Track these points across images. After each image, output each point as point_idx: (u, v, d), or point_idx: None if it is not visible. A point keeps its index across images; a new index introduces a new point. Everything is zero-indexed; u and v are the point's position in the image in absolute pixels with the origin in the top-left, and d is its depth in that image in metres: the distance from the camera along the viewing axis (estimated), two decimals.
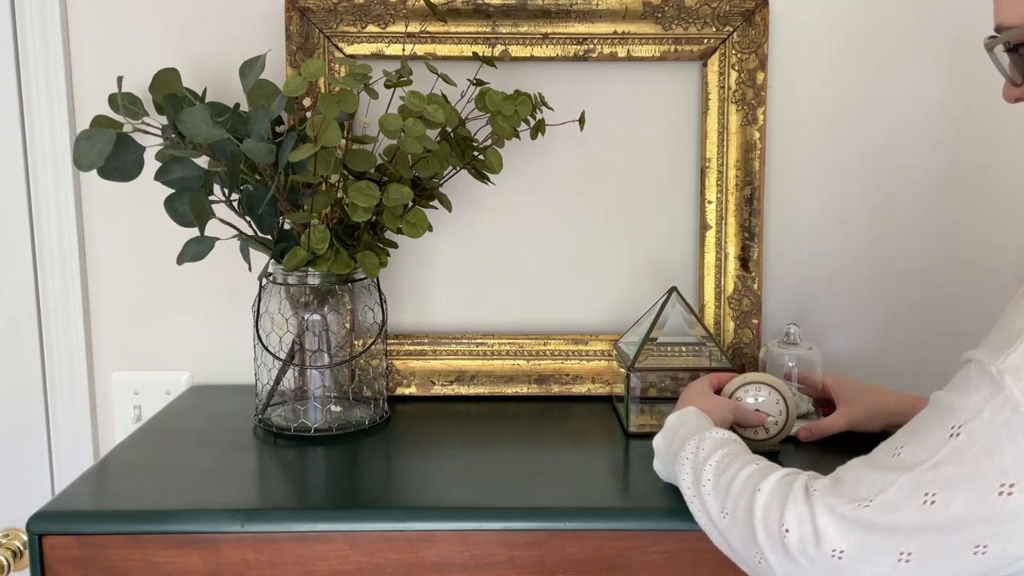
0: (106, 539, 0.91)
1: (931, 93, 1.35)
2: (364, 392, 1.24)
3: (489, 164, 1.18)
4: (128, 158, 1.09)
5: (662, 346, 1.24)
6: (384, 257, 1.18)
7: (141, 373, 1.39)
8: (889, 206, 1.38)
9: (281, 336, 1.20)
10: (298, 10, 1.28)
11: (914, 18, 1.33)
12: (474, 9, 1.28)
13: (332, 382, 1.22)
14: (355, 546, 0.96)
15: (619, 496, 1.04)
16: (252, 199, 1.15)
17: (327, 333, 1.20)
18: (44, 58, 1.30)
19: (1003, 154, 1.37)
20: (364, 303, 1.22)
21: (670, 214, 1.37)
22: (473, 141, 1.19)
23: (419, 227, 1.13)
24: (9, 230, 1.34)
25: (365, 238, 1.17)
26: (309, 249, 1.11)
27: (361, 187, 1.08)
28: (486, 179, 1.21)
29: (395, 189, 1.09)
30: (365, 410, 1.23)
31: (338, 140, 1.03)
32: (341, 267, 1.13)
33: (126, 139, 1.08)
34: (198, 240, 1.13)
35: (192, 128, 1.06)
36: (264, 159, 1.06)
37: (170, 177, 1.12)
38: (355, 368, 1.22)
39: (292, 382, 1.23)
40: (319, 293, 1.19)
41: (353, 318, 1.22)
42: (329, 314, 1.20)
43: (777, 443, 1.11)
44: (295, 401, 1.22)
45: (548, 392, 1.34)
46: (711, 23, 1.29)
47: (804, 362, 1.22)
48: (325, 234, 1.11)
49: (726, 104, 1.31)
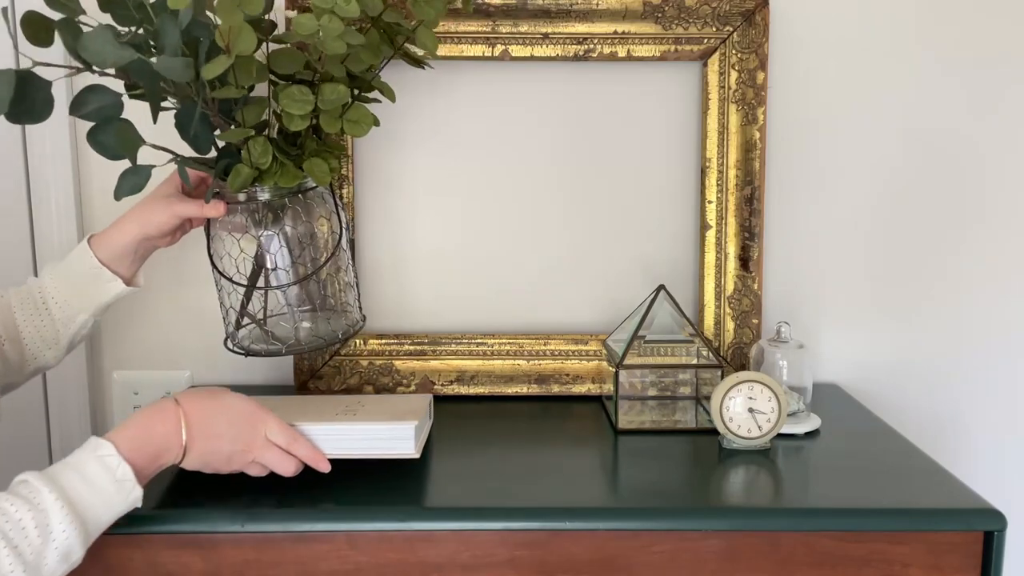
0: (106, 539, 0.91)
1: (931, 93, 1.35)
2: (335, 304, 1.17)
3: (423, 45, 1.08)
4: (36, 97, 0.98)
5: (650, 344, 1.25)
6: (333, 162, 1.09)
7: (141, 373, 1.39)
8: (889, 206, 1.38)
9: (235, 258, 1.14)
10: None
11: (914, 17, 1.33)
12: (474, 9, 1.28)
13: (299, 299, 1.15)
14: (355, 546, 0.96)
15: (619, 496, 1.04)
16: (181, 119, 1.05)
17: (287, 249, 1.13)
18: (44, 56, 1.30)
19: (1004, 154, 1.37)
20: (319, 213, 1.15)
21: (670, 214, 1.37)
22: (399, 26, 1.10)
23: (363, 124, 1.05)
24: (9, 230, 1.34)
25: (309, 144, 1.09)
26: (252, 164, 1.03)
27: (293, 93, 1.00)
28: (421, 64, 1.15)
29: (329, 90, 1.01)
30: (338, 322, 1.17)
31: (252, 46, 0.95)
32: (289, 180, 1.05)
33: (30, 76, 0.97)
34: (133, 170, 1.03)
35: (97, 54, 0.95)
36: (181, 76, 0.96)
37: (87, 110, 1.01)
38: (323, 281, 1.16)
39: (256, 304, 1.16)
40: (271, 208, 1.12)
41: (311, 229, 1.14)
42: (285, 228, 1.12)
43: (768, 441, 1.12)
44: (262, 324, 1.16)
45: (548, 392, 1.34)
46: (711, 23, 1.29)
47: (795, 359, 1.22)
48: (266, 146, 1.03)
49: (726, 104, 1.31)
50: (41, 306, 1.09)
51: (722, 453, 1.12)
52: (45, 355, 1.11)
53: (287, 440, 0.99)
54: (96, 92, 1.02)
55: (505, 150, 1.35)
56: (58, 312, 1.10)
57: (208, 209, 1.07)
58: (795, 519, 0.97)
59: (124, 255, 1.10)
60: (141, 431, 0.93)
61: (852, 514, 0.97)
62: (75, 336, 1.12)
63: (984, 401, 1.42)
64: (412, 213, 1.36)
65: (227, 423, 0.97)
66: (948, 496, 1.00)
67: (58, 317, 1.10)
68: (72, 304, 1.10)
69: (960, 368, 1.41)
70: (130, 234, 1.10)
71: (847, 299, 1.39)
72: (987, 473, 1.41)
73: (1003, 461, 1.43)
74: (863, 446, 1.16)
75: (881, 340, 1.40)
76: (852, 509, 0.97)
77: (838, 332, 1.41)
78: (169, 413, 0.95)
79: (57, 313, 1.10)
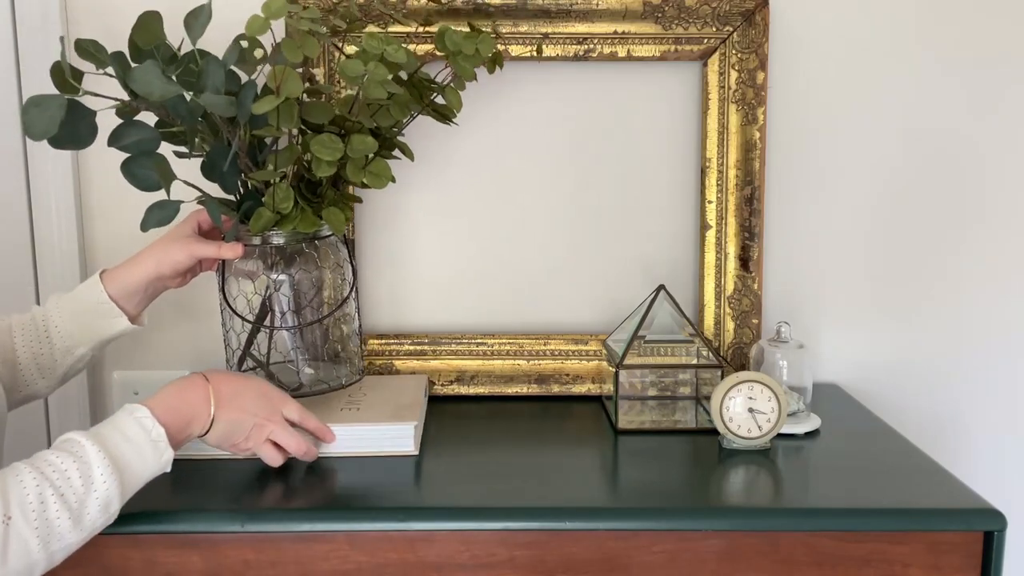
0: (106, 539, 0.91)
1: (932, 93, 1.35)
2: (339, 352, 1.20)
3: (449, 104, 1.15)
4: (80, 124, 1.02)
5: (650, 344, 1.25)
6: (349, 212, 1.15)
7: (141, 373, 1.39)
8: (889, 206, 1.38)
9: (249, 299, 1.17)
10: None
11: (914, 17, 1.33)
12: (474, 9, 1.28)
13: (304, 343, 1.18)
14: (355, 546, 0.96)
15: (619, 496, 1.04)
16: (213, 157, 1.09)
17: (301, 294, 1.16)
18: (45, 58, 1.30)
19: (1003, 154, 1.37)
20: (333, 260, 1.18)
21: (670, 214, 1.37)
22: (432, 83, 1.16)
23: (383, 177, 1.09)
24: (9, 230, 1.34)
25: (329, 194, 1.14)
26: (274, 209, 1.08)
27: (324, 140, 1.04)
28: (447, 120, 1.19)
29: (358, 140, 1.06)
30: (340, 370, 1.20)
31: (300, 90, 1.00)
32: (308, 225, 1.10)
33: (76, 104, 1.01)
34: (160, 204, 1.07)
35: (145, 86, 0.99)
36: (224, 112, 1.01)
37: (126, 142, 1.06)
38: (327, 328, 1.19)
39: (263, 346, 1.19)
40: (284, 253, 1.15)
41: (322, 276, 1.18)
42: (297, 274, 1.16)
43: (768, 440, 1.12)
44: (268, 365, 1.19)
45: (548, 392, 1.34)
46: (711, 23, 1.29)
47: (795, 359, 1.22)
48: (289, 192, 1.07)
49: (726, 104, 1.31)
50: (43, 334, 1.10)
51: (722, 453, 1.12)
52: (38, 384, 1.12)
53: (300, 415, 1.06)
54: (135, 126, 1.06)
55: (505, 150, 1.35)
56: (59, 342, 1.10)
57: (225, 250, 1.10)
58: (795, 519, 0.97)
59: (135, 292, 1.12)
60: (174, 399, 0.98)
61: (852, 514, 0.97)
62: (71, 368, 1.13)
63: (984, 401, 1.42)
64: (412, 212, 1.37)
65: (251, 398, 1.03)
66: (948, 496, 1.00)
67: (58, 347, 1.10)
68: (74, 336, 1.10)
69: (960, 368, 1.41)
70: (144, 271, 1.11)
71: (847, 299, 1.39)
72: (987, 473, 1.41)
73: (1003, 461, 1.43)
74: (863, 446, 1.16)
75: (881, 340, 1.40)
76: (852, 509, 0.97)
77: (838, 332, 1.41)
78: (199, 385, 1.00)
79: (58, 343, 1.10)
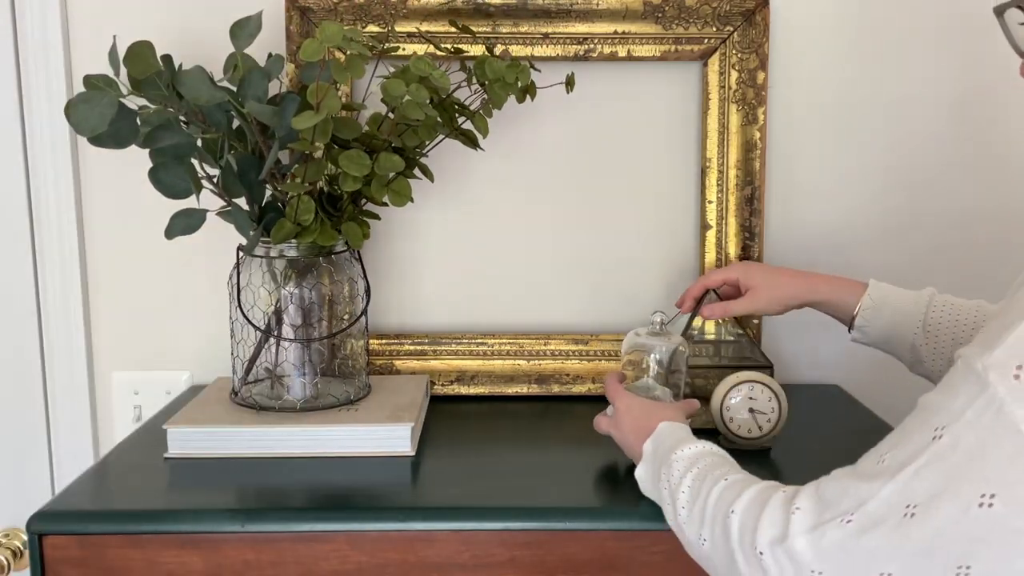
0: (106, 539, 0.91)
1: (932, 92, 1.35)
2: (345, 368, 1.21)
3: (478, 127, 1.17)
4: (123, 123, 1.04)
5: (697, 344, 1.24)
6: (366, 228, 1.17)
7: (141, 373, 1.39)
8: (889, 206, 1.38)
9: (266, 311, 1.17)
10: (298, 9, 1.28)
11: (914, 16, 1.33)
12: (474, 9, 1.28)
13: (312, 357, 1.18)
14: (355, 546, 0.96)
15: (619, 496, 1.04)
16: (243, 168, 1.11)
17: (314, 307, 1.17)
18: (45, 59, 1.30)
19: (1004, 154, 1.37)
20: (346, 275, 1.19)
21: (670, 214, 1.37)
22: (462, 108, 1.18)
23: (403, 196, 1.12)
24: (9, 230, 1.34)
25: (349, 209, 1.16)
26: (295, 221, 1.09)
27: (353, 156, 1.06)
28: (476, 145, 1.21)
29: (385, 158, 1.08)
30: (348, 385, 1.20)
31: (338, 108, 1.01)
32: (327, 239, 1.12)
33: (123, 106, 1.04)
34: (187, 212, 1.09)
35: (193, 90, 1.02)
36: (270, 121, 1.04)
37: (161, 145, 1.07)
38: (338, 342, 1.20)
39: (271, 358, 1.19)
40: (298, 266, 1.16)
41: (334, 291, 1.18)
42: (310, 287, 1.17)
43: (770, 440, 1.11)
44: (275, 378, 1.19)
45: (548, 392, 1.34)
46: (711, 23, 1.29)
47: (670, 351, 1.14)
48: (310, 205, 1.09)
49: (726, 104, 1.31)
50: None
51: None
52: None
53: None
54: (170, 130, 1.07)
55: (505, 150, 1.35)
56: None
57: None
58: None
59: None
60: None
61: None
62: None
63: None
64: (412, 212, 1.36)
65: None
66: None
67: None
68: None
69: None
70: None
71: None
72: None
73: None
74: (863, 446, 1.15)
75: None
76: None
77: (838, 332, 1.40)
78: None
79: None
